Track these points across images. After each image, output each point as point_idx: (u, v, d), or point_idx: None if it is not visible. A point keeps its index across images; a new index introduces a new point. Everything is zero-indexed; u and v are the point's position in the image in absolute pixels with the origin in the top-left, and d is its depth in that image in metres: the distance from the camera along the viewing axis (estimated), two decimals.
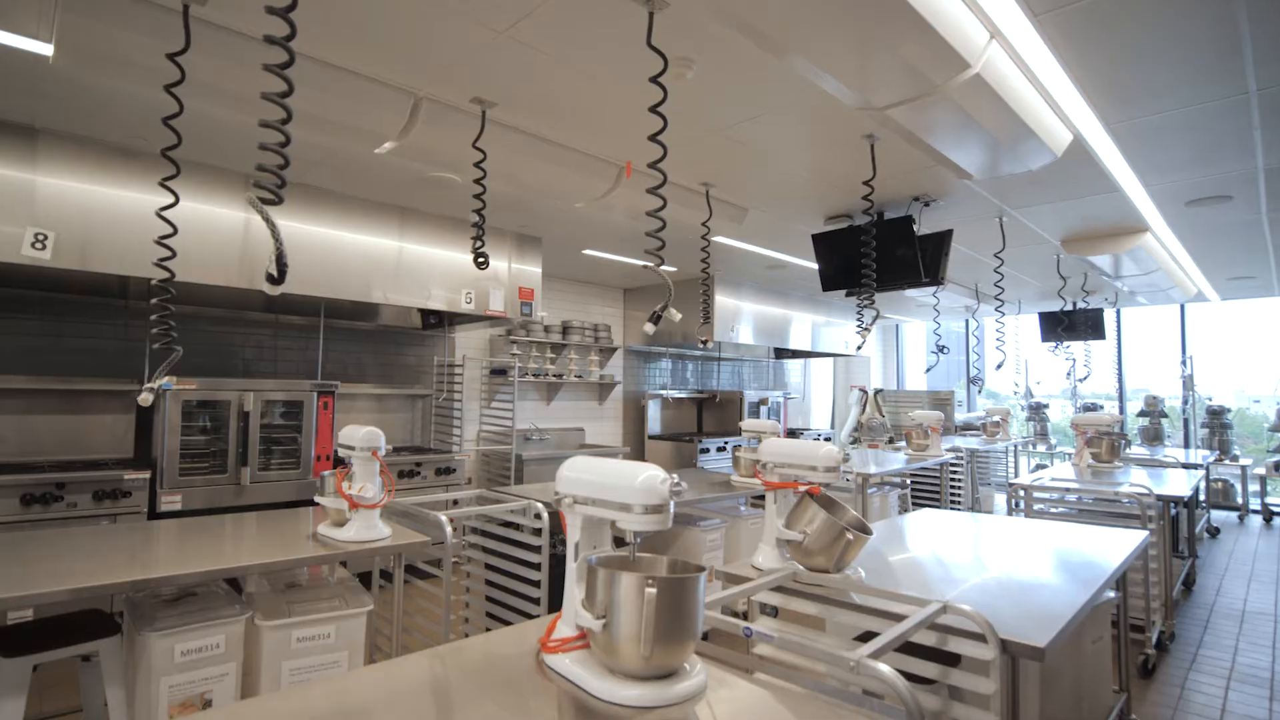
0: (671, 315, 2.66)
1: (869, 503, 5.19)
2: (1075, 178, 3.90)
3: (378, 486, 2.56)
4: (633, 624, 1.23)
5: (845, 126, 3.23)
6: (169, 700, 2.09)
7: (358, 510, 2.49)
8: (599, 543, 1.48)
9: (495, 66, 2.72)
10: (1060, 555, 2.46)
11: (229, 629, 2.22)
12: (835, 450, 2.09)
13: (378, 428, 2.55)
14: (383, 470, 2.61)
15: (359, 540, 2.46)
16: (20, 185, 3.35)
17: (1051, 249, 5.63)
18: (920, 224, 4.56)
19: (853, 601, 1.84)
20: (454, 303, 4.85)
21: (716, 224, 4.51)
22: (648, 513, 1.32)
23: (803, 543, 2.03)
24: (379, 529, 2.53)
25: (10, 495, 3.42)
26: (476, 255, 2.87)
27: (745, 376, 10.07)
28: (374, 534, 2.49)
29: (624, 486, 1.33)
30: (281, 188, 1.72)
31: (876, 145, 3.40)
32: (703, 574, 1.31)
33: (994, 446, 7.69)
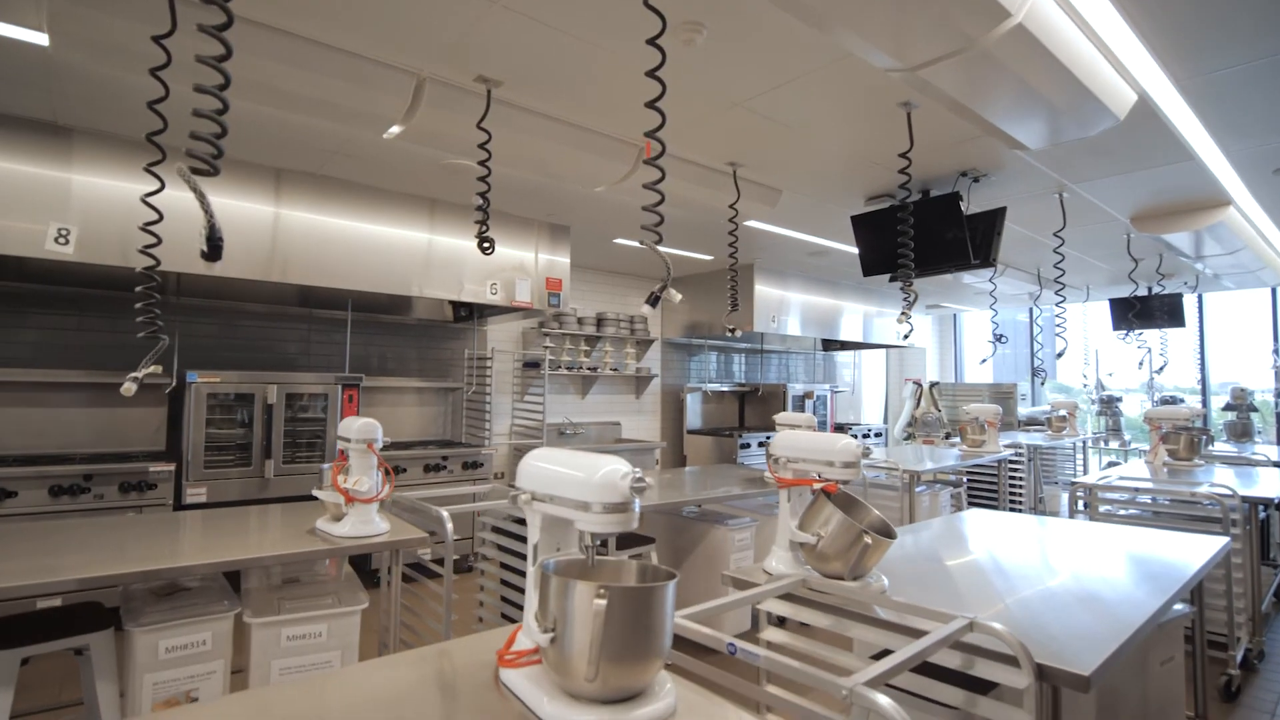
0: (671, 296, 2.48)
1: (917, 502, 4.89)
2: (1143, 145, 3.54)
3: (374, 480, 2.45)
4: (583, 639, 1.06)
5: (877, 94, 2.98)
6: (153, 697, 2.01)
7: (353, 505, 2.39)
8: (563, 544, 1.31)
9: (496, 41, 2.57)
10: (1125, 563, 2.19)
11: (216, 626, 2.13)
12: (854, 444, 1.87)
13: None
14: (381, 464, 2.50)
15: (353, 536, 2.35)
16: (45, 182, 3.37)
17: (1120, 228, 5.21)
18: (969, 202, 4.25)
19: (864, 613, 1.62)
20: (479, 294, 4.75)
21: (747, 207, 4.28)
22: (607, 512, 1.14)
23: (816, 546, 1.83)
24: (375, 524, 2.41)
25: (39, 486, 3.45)
26: (481, 241, 2.74)
27: (793, 369, 9.78)
28: (369, 529, 2.38)
29: (581, 482, 1.16)
30: (217, 158, 1.60)
31: (914, 114, 3.14)
32: (670, 583, 1.13)
33: (1060, 443, 7.23)
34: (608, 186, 3.75)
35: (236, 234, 3.87)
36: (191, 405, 3.90)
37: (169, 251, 3.63)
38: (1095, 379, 8.63)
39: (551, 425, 6.81)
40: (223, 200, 3.86)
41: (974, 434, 6.13)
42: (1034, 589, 1.88)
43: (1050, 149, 3.61)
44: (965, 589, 1.89)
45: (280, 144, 3.69)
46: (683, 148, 3.66)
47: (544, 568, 1.18)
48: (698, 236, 5.72)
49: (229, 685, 2.16)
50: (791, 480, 1.96)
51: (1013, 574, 2.04)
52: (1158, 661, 2.24)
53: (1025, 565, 2.14)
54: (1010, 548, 2.37)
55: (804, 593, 1.77)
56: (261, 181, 3.99)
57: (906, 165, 3.11)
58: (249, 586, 2.44)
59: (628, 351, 7.41)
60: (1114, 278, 7.18)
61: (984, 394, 9.46)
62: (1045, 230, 5.20)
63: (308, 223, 4.12)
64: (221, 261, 3.81)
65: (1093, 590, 1.87)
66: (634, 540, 3.52)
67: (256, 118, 3.31)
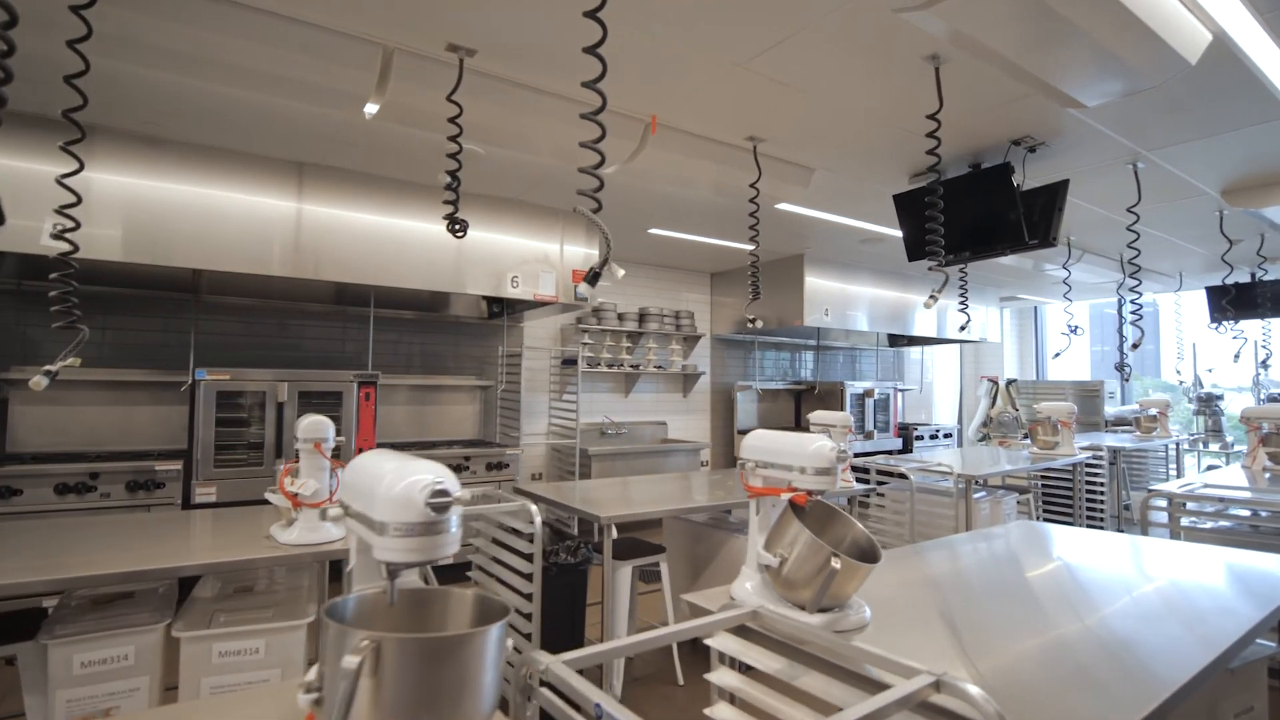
0: (614, 272, 2.19)
1: (975, 510, 4.43)
2: (1225, 98, 3.03)
3: (325, 483, 2.26)
4: (343, 702, 0.81)
5: (898, 47, 2.60)
6: (66, 715, 1.87)
7: (302, 509, 2.21)
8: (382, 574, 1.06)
9: (468, 2, 2.35)
10: (1188, 593, 1.77)
11: (141, 639, 1.98)
12: (827, 447, 1.55)
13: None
14: (335, 465, 2.31)
15: (299, 543, 2.17)
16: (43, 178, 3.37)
17: (1211, 204, 4.58)
18: (1024, 175, 3.78)
19: (822, 656, 1.31)
20: (498, 287, 4.56)
21: (776, 187, 3.94)
22: (403, 536, 0.88)
23: (781, 570, 1.52)
24: (326, 530, 2.23)
25: (44, 485, 3.45)
26: (451, 223, 2.53)
27: (859, 366, 9.27)
28: (318, 536, 2.20)
29: (377, 496, 0.91)
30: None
31: (944, 70, 2.74)
32: (491, 628, 0.86)
33: (1149, 444, 6.52)
34: (616, 167, 3.49)
35: (254, 229, 3.82)
36: (201, 403, 3.85)
37: (192, 248, 3.62)
38: (1193, 374, 7.79)
39: (591, 425, 6.60)
40: (237, 195, 3.81)
41: (1045, 435, 5.57)
42: (1055, 631, 1.51)
43: (1114, 108, 3.13)
44: (967, 626, 1.53)
45: (296, 136, 3.59)
46: (693, 121, 3.36)
47: (332, 609, 0.93)
48: (736, 224, 5.38)
49: (157, 703, 2.01)
50: (761, 489, 1.65)
51: (1033, 609, 1.66)
52: (1231, 713, 1.82)
53: (1054, 597, 1.76)
54: (1044, 572, 1.98)
55: (759, 626, 1.46)
56: (282, 175, 3.92)
57: (936, 129, 2.72)
58: (197, 595, 2.30)
59: (673, 348, 7.13)
60: (1210, 263, 6.42)
61: (1067, 392, 8.73)
62: (1124, 209, 4.62)
63: (328, 217, 4.03)
64: (237, 258, 3.81)
65: (1131, 636, 1.49)
66: (640, 549, 3.25)
67: (286, 110, 3.22)
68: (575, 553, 2.81)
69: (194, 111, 3.26)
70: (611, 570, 2.86)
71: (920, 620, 1.58)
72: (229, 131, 3.53)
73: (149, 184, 3.56)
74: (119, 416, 4.22)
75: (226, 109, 3.23)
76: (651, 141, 3.36)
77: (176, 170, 3.63)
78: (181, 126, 3.46)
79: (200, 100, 3.13)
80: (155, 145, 3.58)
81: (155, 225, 3.56)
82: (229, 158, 3.78)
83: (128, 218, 3.50)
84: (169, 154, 3.62)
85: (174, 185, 3.63)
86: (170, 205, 3.60)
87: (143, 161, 3.56)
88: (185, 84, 2.93)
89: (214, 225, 3.71)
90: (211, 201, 3.71)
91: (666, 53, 2.66)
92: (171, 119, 3.36)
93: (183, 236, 3.62)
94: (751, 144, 3.59)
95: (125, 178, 3.51)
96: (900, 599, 1.72)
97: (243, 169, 3.81)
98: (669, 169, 3.58)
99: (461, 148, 2.56)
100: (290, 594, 2.31)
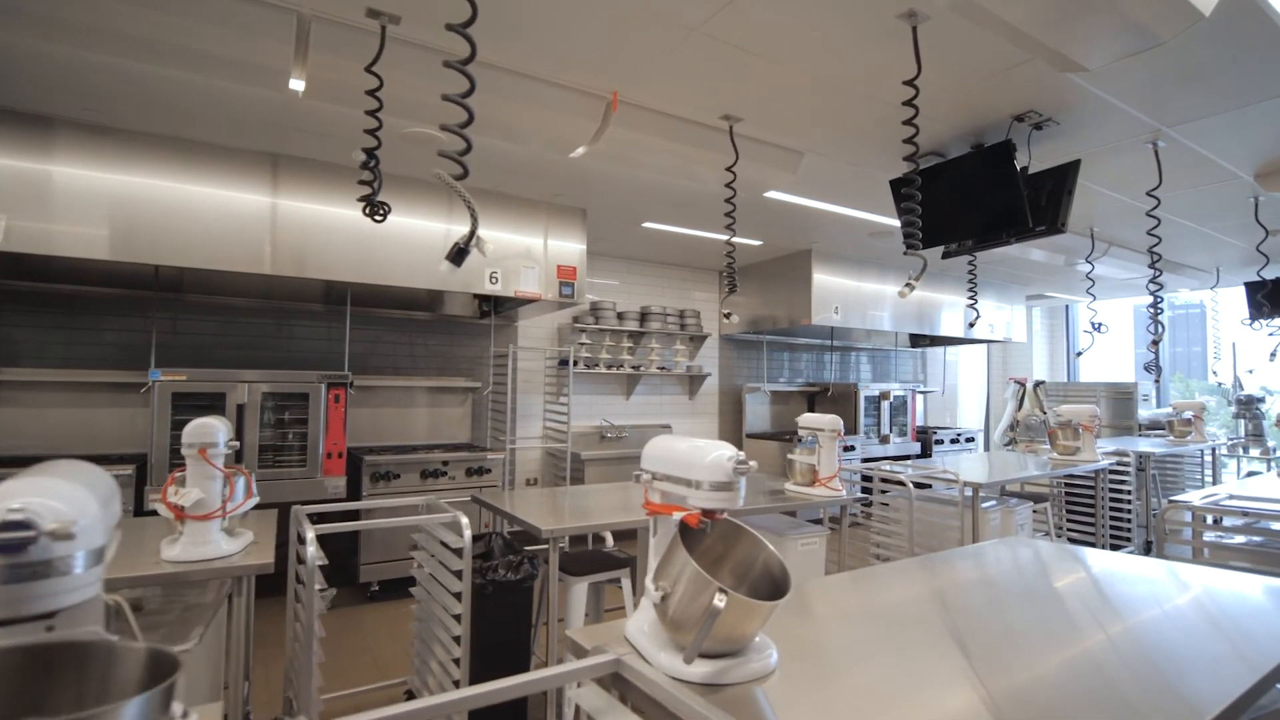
0: (481, 248, 1.95)
1: (982, 521, 4.09)
2: (1249, 61, 2.68)
3: (215, 493, 2.06)
4: None
5: (870, 2, 2.32)
6: None
7: (186, 522, 2.01)
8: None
9: None
10: (1187, 634, 1.47)
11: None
12: (726, 458, 1.29)
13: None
14: (229, 474, 2.11)
15: (181, 560, 1.97)
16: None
17: (1244, 188, 4.19)
18: (1030, 155, 3.46)
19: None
20: (471, 283, 4.35)
21: (761, 173, 3.67)
22: None
23: (667, 608, 1.26)
24: (215, 545, 2.02)
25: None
26: (371, 208, 2.31)
27: (878, 368, 8.91)
28: (203, 552, 1.99)
29: None
30: None
31: (923, 30, 2.45)
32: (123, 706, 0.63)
33: (1183, 450, 6.08)
34: (582, 149, 3.26)
35: (230, 226, 3.68)
36: (155, 405, 3.71)
37: (160, 244, 3.49)
38: (1233, 375, 7.29)
39: (589, 428, 6.36)
40: (212, 190, 3.67)
41: (1066, 439, 5.19)
42: (1016, 679, 1.23)
43: (1128, 78, 2.80)
44: (900, 675, 1.26)
45: (251, 122, 3.43)
46: (660, 98, 3.11)
47: None
48: (739, 218, 5.09)
49: None
50: (658, 506, 1.40)
51: (985, 658, 1.38)
52: None
53: (1022, 635, 1.47)
54: (1020, 601, 1.69)
55: (631, 676, 1.21)
56: (257, 169, 3.77)
57: (914, 96, 2.43)
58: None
59: (678, 348, 6.87)
60: (1248, 257, 5.96)
61: (1098, 394, 8.27)
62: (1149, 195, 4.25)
63: (299, 211, 3.87)
64: (211, 255, 3.67)
65: (1104, 687, 1.20)
66: (603, 563, 3.00)
67: (262, 100, 3.07)
68: (518, 568, 2.57)
69: (131, 96, 3.11)
70: (557, 588, 2.61)
71: (845, 664, 1.30)
72: (180, 119, 3.37)
73: (115, 178, 3.44)
74: (82, 419, 4.10)
75: (166, 93, 3.07)
76: (616, 121, 3.12)
77: (144, 163, 3.50)
78: (131, 114, 3.31)
79: (131, 82, 2.97)
80: (119, 137, 3.45)
81: (121, 220, 3.42)
82: (200, 150, 3.64)
83: (92, 213, 3.37)
84: (136, 146, 3.49)
85: (141, 179, 3.49)
86: (137, 199, 3.47)
87: (108, 154, 3.43)
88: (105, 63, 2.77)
89: (184, 220, 3.57)
90: (181, 195, 3.58)
91: (617, 16, 2.41)
92: (111, 104, 3.20)
93: (149, 232, 3.48)
94: (727, 123, 3.33)
95: (90, 171, 3.39)
96: (830, 635, 1.45)
97: (215, 161, 3.68)
98: (640, 152, 3.34)
99: (381, 123, 2.35)
100: (185, 616, 2.11)
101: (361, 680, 3.25)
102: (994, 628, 1.50)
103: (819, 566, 3.57)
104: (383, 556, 4.33)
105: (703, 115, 3.26)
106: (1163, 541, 2.97)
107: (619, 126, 3.15)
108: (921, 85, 2.55)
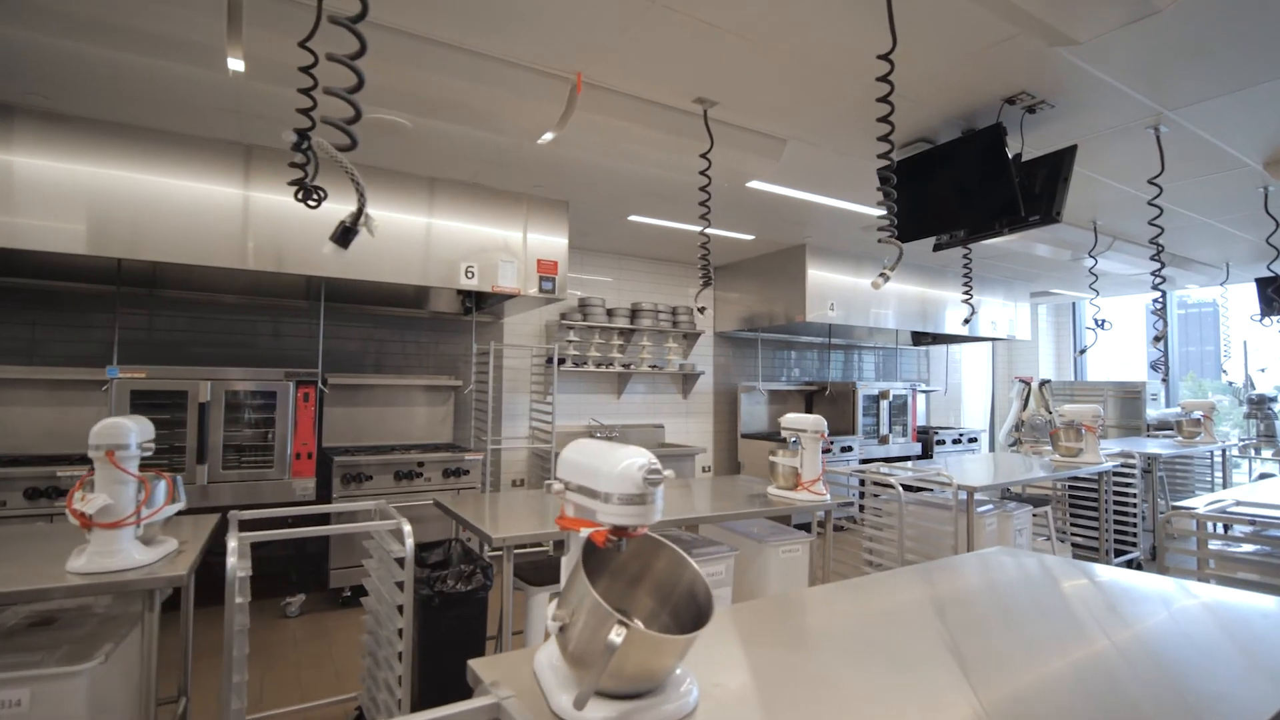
0: (369, 227, 1.79)
1: (977, 527, 3.91)
2: (1260, 39, 2.49)
3: (127, 499, 1.91)
4: None
5: None
6: None
7: (94, 530, 1.86)
8: None
9: None
10: (1171, 667, 1.30)
11: None
12: (636, 467, 1.12)
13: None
14: (145, 478, 1.96)
15: (86, 571, 1.82)
16: None
17: (1252, 177, 3.98)
18: (1024, 141, 3.28)
19: None
20: (448, 277, 4.20)
21: (742, 161, 3.50)
22: None
23: (566, 640, 1.10)
24: (126, 555, 1.88)
25: None
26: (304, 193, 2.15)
27: (883, 366, 8.71)
28: (111, 563, 1.85)
29: None
30: None
31: (901, 2, 2.27)
32: None
33: (1191, 450, 5.86)
34: (551, 136, 3.10)
35: (200, 219, 3.55)
36: (114, 404, 3.58)
37: (127, 237, 3.37)
38: (1244, 374, 7.05)
39: (579, 428, 6.21)
40: (187, 183, 3.54)
41: (1068, 440, 4.99)
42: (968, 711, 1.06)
43: (1125, 56, 2.61)
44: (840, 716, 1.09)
45: (230, 115, 3.30)
46: (628, 79, 2.94)
47: None
48: (729, 211, 4.94)
49: None
50: (569, 521, 1.24)
51: (948, 683, 1.21)
52: None
53: (981, 667, 1.30)
54: (982, 627, 1.52)
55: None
56: (227, 159, 3.64)
57: (889, 72, 2.25)
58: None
59: (670, 346, 6.70)
60: (1260, 252, 5.73)
61: (1105, 394, 8.04)
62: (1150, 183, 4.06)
63: (272, 204, 3.73)
64: (182, 249, 3.54)
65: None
66: None
67: (213, 82, 2.93)
68: (469, 578, 2.41)
69: (72, 79, 2.96)
70: (512, 599, 2.46)
71: (779, 701, 1.14)
72: (127, 104, 3.22)
73: (82, 169, 3.31)
74: (46, 418, 3.97)
75: (108, 75, 2.92)
76: (584, 105, 2.96)
77: (111, 154, 3.38)
78: (77, 99, 3.17)
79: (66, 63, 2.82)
80: (80, 126, 3.33)
81: (90, 213, 3.30)
82: (169, 140, 3.51)
83: (57, 206, 3.25)
84: (101, 136, 3.37)
85: (110, 171, 3.37)
86: (105, 191, 3.35)
87: (72, 145, 3.31)
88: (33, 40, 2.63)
89: (153, 213, 3.45)
90: (152, 188, 3.45)
91: None
92: (56, 88, 3.06)
93: (113, 225, 3.36)
94: (702, 107, 3.16)
95: (54, 162, 3.27)
96: (767, 663, 1.28)
97: (184, 152, 3.55)
98: (612, 139, 3.17)
99: (315, 102, 2.19)
100: (98, 629, 1.96)
101: (319, 693, 3.10)
102: (945, 659, 1.33)
103: (802, 576, 3.40)
104: (355, 561, 4.18)
105: (675, 99, 3.09)
106: (1164, 551, 2.78)
107: (588, 111, 2.99)
108: (906, 67, 2.38)
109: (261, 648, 3.58)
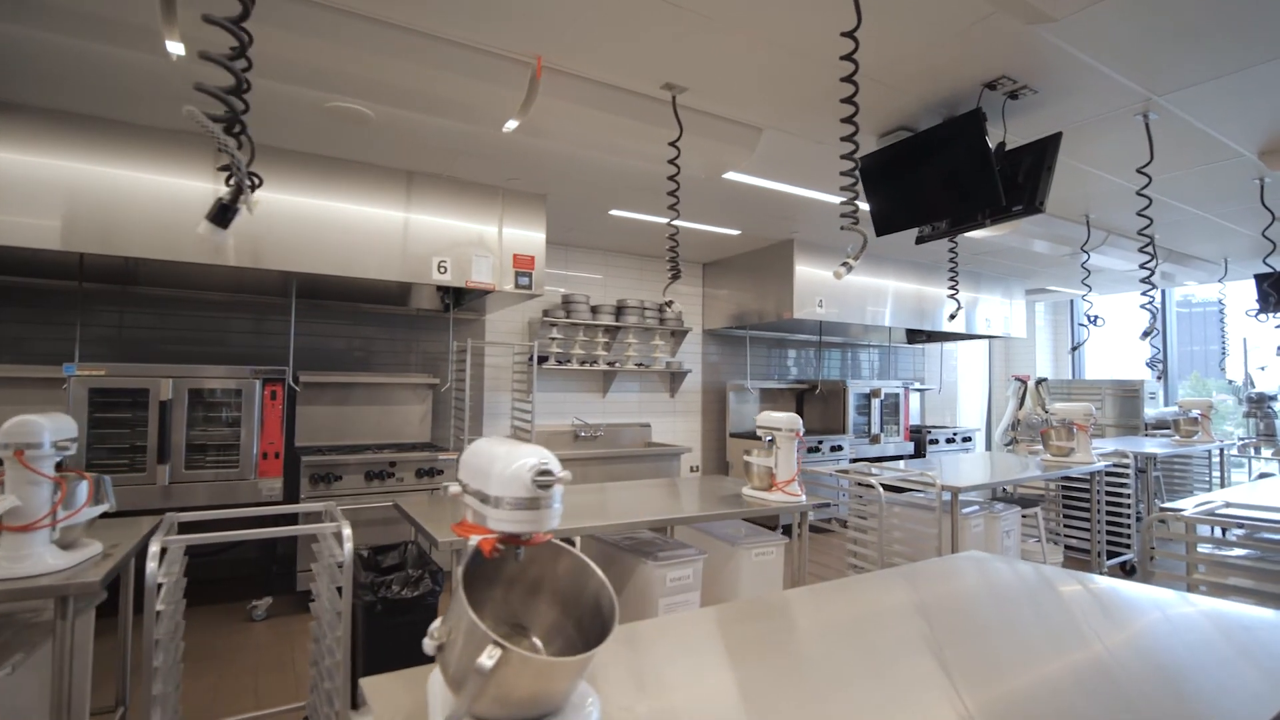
0: (248, 205, 1.69)
1: (962, 528, 3.79)
2: (1253, 19, 2.37)
3: (42, 500, 1.80)
4: None
5: None
6: None
7: (2, 534, 1.75)
8: None
9: None
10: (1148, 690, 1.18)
11: None
12: (527, 468, 1.01)
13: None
14: (61, 479, 1.85)
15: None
16: None
17: (1247, 168, 3.85)
18: (1006, 129, 3.16)
19: None
20: (420, 272, 4.09)
21: (716, 151, 3.38)
22: None
23: (446, 661, 0.99)
24: (38, 560, 1.77)
25: None
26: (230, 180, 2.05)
27: (874, 364, 8.58)
28: (20, 568, 1.74)
29: None
30: None
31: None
32: None
33: (1190, 450, 5.73)
34: (513, 125, 2.99)
35: (171, 212, 3.45)
36: (71, 402, 3.47)
37: (92, 231, 3.28)
38: (1243, 372, 6.91)
39: (563, 427, 6.10)
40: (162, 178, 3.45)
41: (1059, 440, 4.87)
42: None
43: (1110, 37, 2.49)
44: None
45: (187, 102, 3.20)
46: (591, 64, 2.83)
47: None
48: (715, 206, 4.82)
49: None
50: (466, 527, 1.12)
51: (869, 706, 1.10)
52: None
53: (921, 688, 1.18)
54: (925, 639, 1.41)
55: None
56: (198, 152, 3.54)
57: (853, 50, 2.13)
58: None
59: (656, 344, 6.59)
60: (1256, 245, 5.59)
61: (1103, 392, 7.92)
62: (1155, 181, 3.93)
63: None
64: (156, 244, 3.44)
65: None
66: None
67: (164, 71, 2.83)
68: (417, 584, 2.30)
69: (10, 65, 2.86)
70: None
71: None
72: (75, 92, 3.12)
73: (51, 162, 3.22)
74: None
75: (49, 62, 2.82)
76: (547, 90, 2.84)
77: (82, 147, 3.29)
78: (25, 89, 3.07)
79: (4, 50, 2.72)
80: (55, 119, 3.24)
81: (60, 207, 3.22)
82: (141, 133, 3.42)
83: (25, 200, 3.16)
84: (73, 129, 3.28)
85: (81, 165, 3.28)
86: (76, 185, 3.26)
87: (41, 137, 3.21)
88: None
89: (125, 206, 3.36)
90: (123, 181, 3.36)
91: None
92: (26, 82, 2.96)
93: (88, 220, 3.27)
94: (670, 94, 3.04)
95: (21, 155, 3.18)
96: (695, 685, 1.17)
97: (156, 144, 3.45)
98: (579, 127, 3.06)
99: (249, 85, 2.08)
100: (12, 638, 1.85)
101: (274, 700, 3.00)
102: (879, 675, 1.22)
103: (776, 579, 3.29)
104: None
105: (642, 84, 2.98)
106: (1148, 557, 2.65)
107: (552, 97, 2.87)
108: (880, 49, 2.25)
109: (222, 652, 3.48)
